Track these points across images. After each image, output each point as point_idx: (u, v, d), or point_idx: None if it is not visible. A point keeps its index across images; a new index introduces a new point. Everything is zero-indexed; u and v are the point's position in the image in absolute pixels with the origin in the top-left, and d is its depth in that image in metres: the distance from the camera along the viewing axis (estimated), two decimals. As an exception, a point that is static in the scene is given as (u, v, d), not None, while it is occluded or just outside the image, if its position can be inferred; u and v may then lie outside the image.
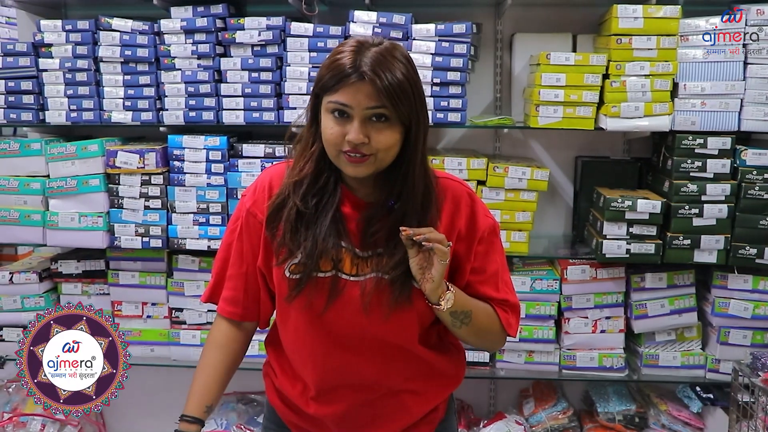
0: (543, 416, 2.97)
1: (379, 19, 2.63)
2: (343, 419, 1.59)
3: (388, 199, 1.47)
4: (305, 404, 1.61)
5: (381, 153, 1.40)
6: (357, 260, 1.49)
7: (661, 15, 2.54)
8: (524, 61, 2.89)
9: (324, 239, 1.46)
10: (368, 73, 1.35)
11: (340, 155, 1.41)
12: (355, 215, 1.50)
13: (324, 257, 1.46)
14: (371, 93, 1.36)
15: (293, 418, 1.67)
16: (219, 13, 2.70)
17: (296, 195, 1.47)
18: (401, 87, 1.38)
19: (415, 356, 1.57)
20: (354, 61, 1.37)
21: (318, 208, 1.47)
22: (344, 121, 1.39)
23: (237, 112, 2.73)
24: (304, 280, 1.47)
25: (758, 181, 2.56)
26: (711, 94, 2.57)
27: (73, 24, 2.75)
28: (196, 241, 2.78)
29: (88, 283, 2.97)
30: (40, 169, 2.81)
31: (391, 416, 1.60)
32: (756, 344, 2.69)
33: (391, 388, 1.58)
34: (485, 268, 1.56)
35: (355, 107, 1.37)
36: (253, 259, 1.60)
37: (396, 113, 1.38)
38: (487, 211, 1.59)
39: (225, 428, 3.02)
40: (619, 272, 2.79)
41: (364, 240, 1.48)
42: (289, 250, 1.48)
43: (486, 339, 1.60)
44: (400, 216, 1.45)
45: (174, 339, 2.95)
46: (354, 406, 1.58)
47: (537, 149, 3.08)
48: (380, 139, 1.39)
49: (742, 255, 2.61)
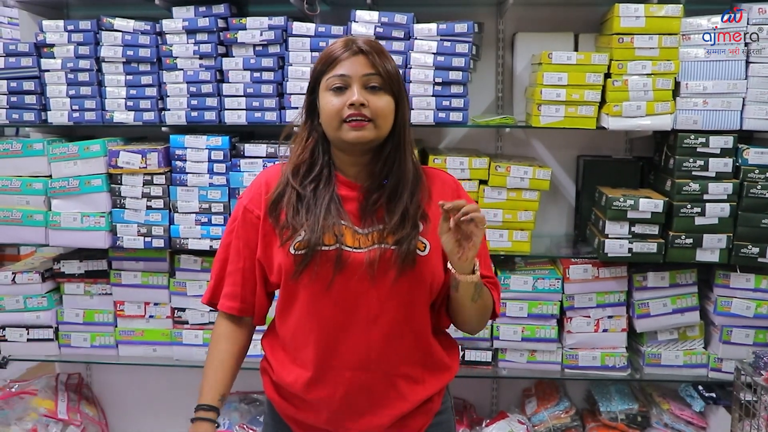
0: (545, 415, 2.98)
1: (380, 18, 2.63)
2: (340, 404, 1.61)
3: (382, 178, 1.58)
4: (302, 390, 1.63)
5: (379, 119, 1.53)
6: (358, 236, 1.56)
7: (663, 14, 2.54)
8: (526, 61, 2.89)
9: (325, 217, 1.55)
10: (363, 47, 1.54)
11: (342, 125, 1.52)
12: (351, 196, 1.60)
13: (327, 233, 1.54)
14: (366, 63, 1.53)
15: (290, 411, 1.69)
16: (221, 13, 2.70)
17: (295, 180, 1.59)
18: (391, 64, 1.57)
19: (416, 339, 1.62)
20: (346, 44, 1.56)
21: (316, 193, 1.58)
22: (343, 93, 1.53)
23: (239, 111, 2.73)
24: (309, 254, 1.53)
25: (760, 179, 2.56)
26: (713, 93, 2.57)
27: (75, 24, 2.76)
28: (198, 241, 2.78)
29: (90, 283, 2.98)
30: (43, 169, 2.82)
31: (387, 403, 1.62)
32: (758, 343, 2.69)
33: (389, 372, 1.60)
34: None
35: (353, 75, 1.53)
36: (250, 254, 1.65)
37: (389, 84, 1.54)
38: (469, 196, 1.71)
39: (228, 428, 3.02)
40: (621, 271, 2.79)
41: (363, 217, 1.57)
42: (293, 229, 1.56)
43: (484, 317, 1.68)
44: (393, 192, 1.57)
45: (176, 339, 2.95)
46: (351, 389, 1.60)
47: (539, 148, 3.08)
48: (378, 104, 1.53)
49: (745, 254, 2.61)
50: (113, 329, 2.99)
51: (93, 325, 2.99)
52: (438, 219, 1.50)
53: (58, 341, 3.00)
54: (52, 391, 3.15)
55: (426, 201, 1.61)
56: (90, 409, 3.25)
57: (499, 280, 2.77)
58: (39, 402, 3.04)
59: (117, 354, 3.01)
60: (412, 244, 1.54)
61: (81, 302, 2.99)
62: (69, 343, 3.00)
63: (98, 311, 2.98)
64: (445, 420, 1.75)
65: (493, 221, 2.74)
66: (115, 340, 2.99)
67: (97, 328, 2.99)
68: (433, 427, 1.70)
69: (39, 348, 2.99)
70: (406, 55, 2.63)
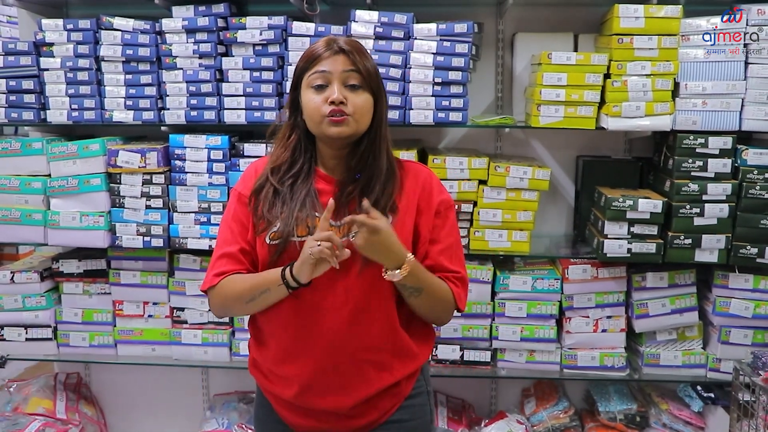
0: (544, 415, 2.98)
1: (380, 18, 2.63)
2: (308, 382, 1.71)
3: (354, 170, 1.69)
4: (273, 365, 1.76)
5: (357, 115, 1.63)
6: (331, 228, 1.61)
7: (662, 15, 2.54)
8: (525, 61, 2.89)
9: (300, 209, 1.66)
10: (344, 47, 1.64)
11: (323, 121, 1.62)
12: (327, 189, 1.70)
13: (300, 225, 1.65)
14: (346, 61, 1.63)
15: (266, 384, 1.80)
16: (220, 12, 2.70)
17: (274, 177, 1.70)
18: (370, 63, 1.67)
19: (382, 327, 1.70)
20: (328, 43, 1.65)
21: (293, 188, 1.69)
22: (324, 90, 1.63)
23: (238, 111, 2.73)
24: (282, 245, 1.65)
25: (759, 180, 2.56)
26: (712, 94, 2.57)
27: (75, 23, 2.75)
28: (197, 241, 2.78)
29: (89, 283, 2.97)
30: (42, 168, 2.82)
31: (353, 385, 1.71)
32: (757, 343, 2.69)
33: (355, 356, 1.70)
34: (441, 239, 1.74)
35: (333, 71, 1.62)
36: (245, 234, 1.75)
37: (368, 81, 1.64)
38: (443, 188, 1.80)
39: (226, 427, 3.02)
40: (620, 272, 2.79)
41: (337, 210, 1.63)
42: (268, 221, 1.67)
43: (434, 311, 1.75)
44: (366, 186, 1.67)
45: (175, 338, 2.95)
46: (318, 369, 1.70)
47: (538, 149, 3.08)
48: (356, 101, 1.62)
49: (743, 254, 2.61)
50: (112, 329, 2.99)
51: (92, 324, 2.99)
52: (408, 212, 1.68)
53: (57, 341, 3.00)
54: (50, 391, 3.15)
55: (398, 193, 1.70)
56: (89, 408, 3.25)
57: (498, 280, 2.79)
58: (37, 401, 3.04)
59: (116, 353, 3.01)
60: None
61: (80, 302, 2.99)
62: (68, 343, 2.99)
63: (97, 311, 2.98)
64: (419, 403, 1.82)
65: (492, 221, 2.74)
66: (113, 340, 2.99)
67: (95, 328, 2.99)
68: (404, 409, 1.79)
69: (37, 347, 2.99)
70: (406, 55, 2.63)
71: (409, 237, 1.70)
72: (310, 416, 1.76)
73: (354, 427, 1.76)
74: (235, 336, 2.96)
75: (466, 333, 2.83)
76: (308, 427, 1.78)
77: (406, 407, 1.79)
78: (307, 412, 1.76)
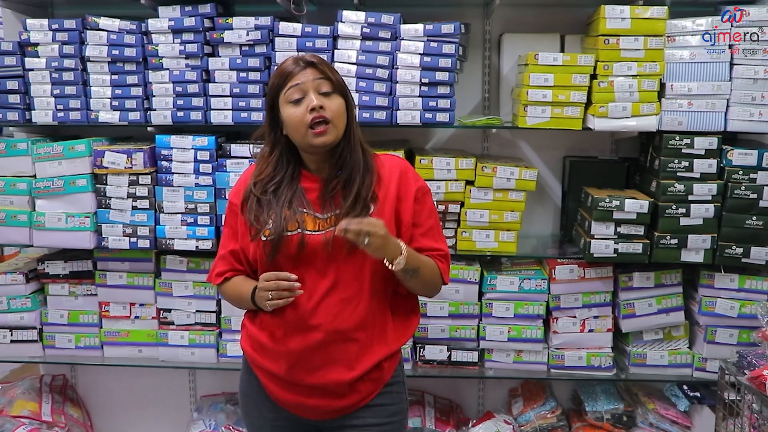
0: (532, 415, 2.99)
1: (367, 19, 2.62)
2: (298, 358, 1.84)
3: (337, 169, 1.84)
4: (269, 340, 1.88)
5: (336, 119, 1.78)
6: (318, 221, 1.82)
7: (648, 16, 2.55)
8: (512, 62, 2.90)
9: (288, 207, 1.81)
10: (310, 60, 1.80)
11: (307, 132, 1.76)
12: (313, 187, 1.85)
13: (290, 222, 1.80)
14: (316, 71, 1.79)
15: (258, 359, 1.91)
16: (207, 12, 2.69)
17: (256, 189, 1.85)
18: (334, 68, 1.85)
19: (368, 308, 1.84)
20: (295, 60, 1.81)
21: (277, 193, 1.84)
22: (301, 103, 1.77)
23: (225, 112, 2.73)
24: (277, 240, 1.79)
25: (744, 180, 2.58)
26: (698, 95, 2.58)
27: (60, 23, 2.74)
28: (184, 242, 2.77)
29: (75, 284, 2.96)
30: (27, 169, 2.80)
31: (339, 362, 1.84)
32: (742, 343, 2.71)
33: (342, 335, 1.82)
34: (422, 222, 1.90)
35: (306, 82, 1.78)
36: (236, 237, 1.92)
37: (338, 87, 1.80)
38: (418, 176, 1.95)
39: (214, 429, 3.01)
40: (607, 272, 2.80)
41: (323, 204, 1.83)
42: (257, 230, 1.82)
43: (428, 288, 1.92)
44: (347, 180, 1.82)
45: (162, 340, 2.94)
46: (308, 347, 1.83)
47: (525, 149, 3.09)
48: (332, 105, 1.77)
49: (729, 254, 2.63)
50: (98, 330, 2.97)
51: (78, 326, 2.97)
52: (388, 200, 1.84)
53: (43, 342, 2.98)
54: (36, 393, 3.13)
55: (377, 184, 1.85)
56: (75, 410, 3.23)
57: (485, 280, 2.79)
58: (23, 404, 3.02)
59: (102, 355, 2.99)
60: None
61: (66, 303, 2.97)
62: (53, 345, 2.98)
63: (83, 312, 2.97)
64: (396, 390, 1.95)
65: (479, 222, 2.75)
66: (100, 341, 2.97)
67: (81, 329, 2.98)
68: (384, 395, 1.91)
69: (23, 349, 2.97)
70: (393, 55, 2.63)
71: (391, 223, 1.84)
72: (297, 392, 1.87)
73: (337, 407, 1.88)
74: (222, 337, 2.95)
75: (454, 333, 2.84)
76: (294, 402, 1.89)
77: (386, 393, 1.92)
78: (294, 387, 1.87)
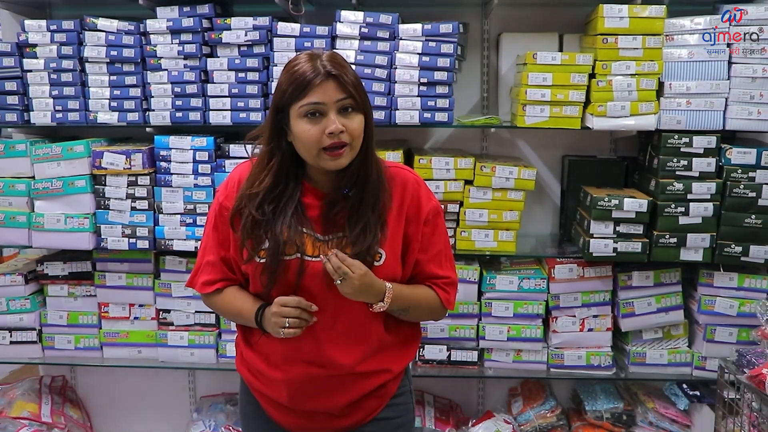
0: (531, 415, 2.99)
1: (365, 19, 2.62)
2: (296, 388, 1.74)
3: (344, 187, 1.65)
4: (265, 368, 1.76)
5: (355, 141, 1.59)
6: (318, 243, 1.66)
7: (647, 15, 2.55)
8: (511, 61, 2.90)
9: (289, 228, 1.63)
10: (332, 71, 1.56)
11: (320, 153, 1.58)
12: (315, 204, 1.67)
13: (288, 244, 1.63)
14: (339, 87, 1.56)
15: (256, 384, 1.80)
16: (205, 13, 2.69)
17: (252, 205, 1.64)
18: (358, 80, 1.62)
19: (368, 342, 1.73)
20: (314, 67, 1.57)
21: (276, 211, 1.65)
22: (319, 120, 1.56)
23: (224, 112, 2.72)
24: (274, 265, 1.63)
25: (743, 179, 2.58)
26: (696, 94, 2.58)
27: (58, 24, 2.73)
28: (183, 242, 2.77)
29: (74, 285, 2.96)
30: (26, 170, 2.80)
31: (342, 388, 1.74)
32: (741, 341, 2.70)
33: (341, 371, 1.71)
34: (431, 247, 1.75)
35: (328, 102, 1.56)
36: (225, 249, 1.75)
37: (360, 102, 1.59)
38: (431, 194, 1.78)
39: (213, 429, 3.01)
40: (606, 271, 2.80)
41: (325, 225, 1.66)
42: (249, 255, 1.66)
43: (423, 318, 1.85)
44: (357, 201, 1.64)
45: (161, 340, 2.93)
46: (306, 379, 1.72)
47: (524, 149, 3.09)
48: (353, 127, 1.58)
49: (728, 253, 2.63)
50: (98, 331, 2.97)
51: (77, 327, 2.97)
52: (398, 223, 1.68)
53: (42, 343, 2.98)
54: (35, 394, 3.13)
55: (388, 207, 1.68)
56: (74, 411, 3.22)
57: (485, 280, 2.79)
58: (22, 405, 3.02)
59: (101, 356, 2.99)
60: (369, 255, 1.64)
61: (65, 304, 2.97)
62: (53, 346, 2.97)
63: (82, 313, 2.96)
64: (403, 402, 1.86)
65: (478, 221, 2.74)
66: (99, 342, 2.97)
67: (81, 330, 2.97)
68: (390, 408, 1.82)
69: (22, 350, 2.97)
70: (392, 55, 2.62)
71: (399, 247, 1.71)
72: (299, 416, 1.79)
73: (342, 426, 1.80)
74: (221, 338, 2.95)
75: (453, 333, 2.84)
76: (297, 425, 1.81)
77: (392, 406, 1.83)
78: (296, 412, 1.78)
